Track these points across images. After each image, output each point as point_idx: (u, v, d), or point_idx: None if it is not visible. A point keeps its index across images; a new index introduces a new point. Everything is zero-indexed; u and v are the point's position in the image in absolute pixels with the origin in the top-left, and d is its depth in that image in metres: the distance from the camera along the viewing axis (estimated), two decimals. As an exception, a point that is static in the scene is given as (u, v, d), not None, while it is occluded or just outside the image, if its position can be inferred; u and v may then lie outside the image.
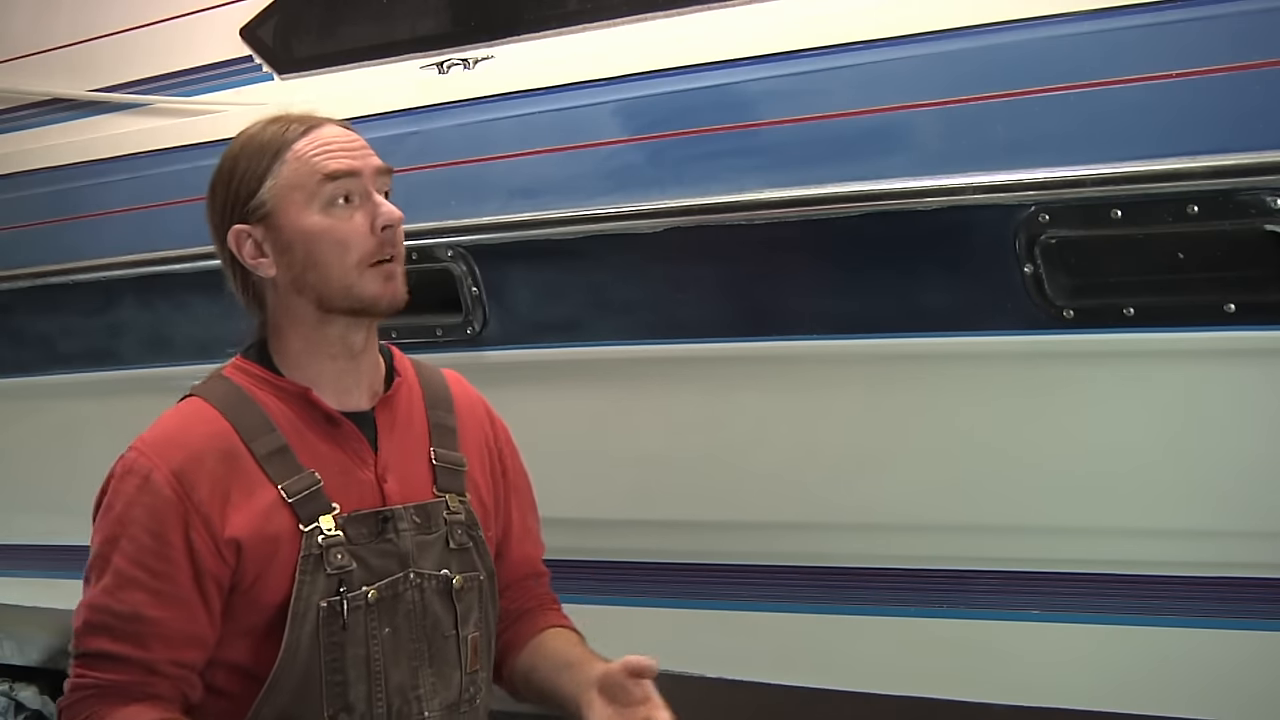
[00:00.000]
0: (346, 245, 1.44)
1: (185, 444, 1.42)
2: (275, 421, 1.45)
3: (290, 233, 1.44)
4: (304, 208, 1.43)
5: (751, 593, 2.31)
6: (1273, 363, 1.70)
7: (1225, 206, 1.58)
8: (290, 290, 1.46)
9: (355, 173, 1.44)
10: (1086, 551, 1.99)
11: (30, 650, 3.65)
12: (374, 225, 1.44)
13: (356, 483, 1.47)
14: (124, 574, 1.38)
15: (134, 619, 1.37)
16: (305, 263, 1.44)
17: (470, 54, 2.14)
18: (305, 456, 1.44)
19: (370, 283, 1.45)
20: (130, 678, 1.36)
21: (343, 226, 1.44)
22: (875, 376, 1.97)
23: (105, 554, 1.39)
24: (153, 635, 1.37)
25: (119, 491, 1.41)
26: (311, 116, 1.48)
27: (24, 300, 2.71)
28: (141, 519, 1.39)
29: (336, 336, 1.48)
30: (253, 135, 1.47)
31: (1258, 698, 1.96)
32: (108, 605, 1.38)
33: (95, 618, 1.38)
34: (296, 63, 2.35)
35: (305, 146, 1.44)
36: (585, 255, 1.99)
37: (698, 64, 1.89)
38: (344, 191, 1.44)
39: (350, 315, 1.47)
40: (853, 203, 1.78)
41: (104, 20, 2.59)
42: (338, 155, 1.44)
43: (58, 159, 2.60)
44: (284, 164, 1.43)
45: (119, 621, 1.37)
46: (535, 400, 2.16)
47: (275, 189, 1.44)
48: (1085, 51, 1.63)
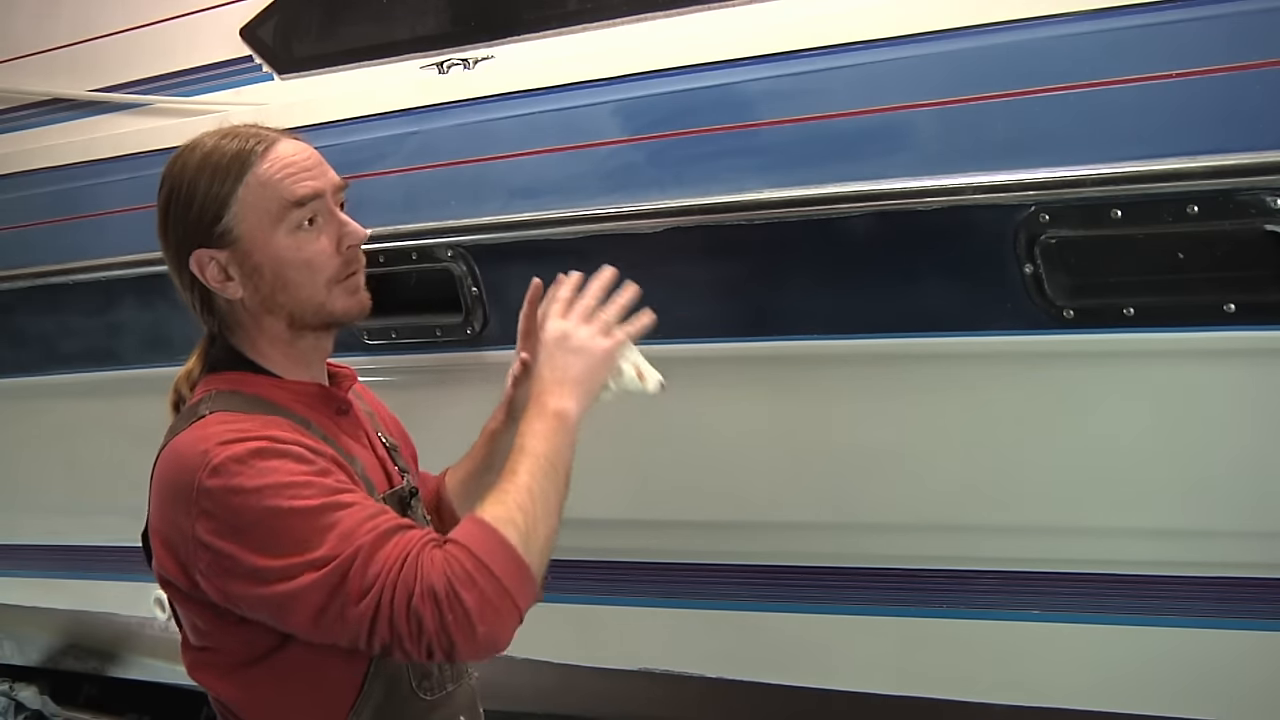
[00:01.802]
0: (314, 267, 1.45)
1: (262, 425, 1.37)
2: (306, 417, 1.47)
3: (258, 257, 1.44)
4: (271, 232, 1.43)
5: (751, 593, 2.31)
6: (1273, 363, 1.70)
7: (1225, 206, 1.58)
8: (260, 310, 1.48)
9: (319, 194, 1.45)
10: (1086, 551, 1.99)
11: (30, 650, 3.65)
12: (339, 244, 1.46)
13: (373, 466, 1.54)
14: (331, 501, 1.30)
15: (377, 510, 1.32)
16: (274, 285, 1.45)
17: (470, 54, 2.14)
18: (341, 446, 1.48)
19: (339, 299, 1.48)
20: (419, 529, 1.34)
21: (310, 248, 1.45)
22: (875, 376, 1.97)
23: (307, 507, 1.29)
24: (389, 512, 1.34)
25: (239, 479, 1.30)
26: (263, 132, 1.47)
27: (24, 300, 2.71)
28: (289, 465, 1.31)
29: (310, 346, 1.52)
30: (207, 155, 1.44)
31: (1257, 697, 1.96)
32: (354, 520, 1.29)
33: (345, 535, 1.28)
34: (296, 63, 2.35)
35: (268, 169, 1.43)
36: (585, 255, 1.99)
37: (698, 64, 1.89)
38: (311, 214, 1.45)
39: (324, 329, 1.51)
40: (853, 203, 1.78)
41: (104, 20, 2.58)
42: (302, 178, 1.44)
43: (58, 159, 2.59)
44: (247, 188, 1.42)
45: (370, 518, 1.30)
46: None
47: (240, 214, 1.43)
48: (1085, 51, 1.63)
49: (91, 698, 3.61)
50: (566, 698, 2.64)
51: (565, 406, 1.44)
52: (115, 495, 2.08)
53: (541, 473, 1.37)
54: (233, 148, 1.44)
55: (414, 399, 1.96)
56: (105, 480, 2.58)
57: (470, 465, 1.78)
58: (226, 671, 1.44)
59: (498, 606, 1.27)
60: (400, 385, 2.22)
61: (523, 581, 1.30)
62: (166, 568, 1.40)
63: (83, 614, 3.34)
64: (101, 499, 2.73)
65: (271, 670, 1.40)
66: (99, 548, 3.07)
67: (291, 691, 1.41)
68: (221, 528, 1.30)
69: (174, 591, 1.43)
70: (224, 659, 1.44)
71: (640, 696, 2.52)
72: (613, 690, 2.54)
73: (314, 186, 1.44)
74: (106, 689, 3.57)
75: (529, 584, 1.31)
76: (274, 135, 1.47)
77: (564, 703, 2.66)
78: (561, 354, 1.48)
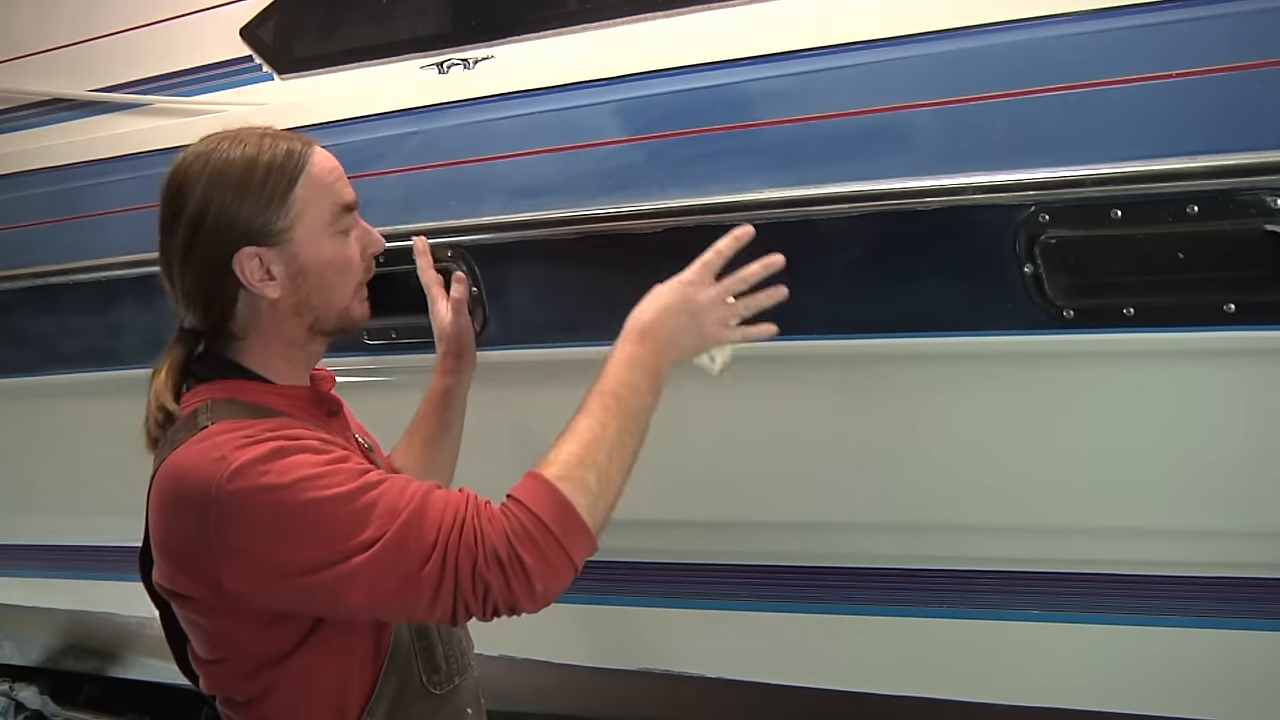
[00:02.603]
0: (351, 271, 1.50)
1: (271, 428, 1.36)
2: (299, 421, 1.47)
3: (306, 259, 1.45)
4: (321, 235, 1.46)
5: (751, 593, 2.31)
6: (1273, 363, 1.70)
7: (1225, 206, 1.58)
8: (289, 312, 1.48)
9: (357, 202, 1.51)
10: (1086, 551, 1.99)
11: (30, 650, 3.66)
12: (364, 251, 1.52)
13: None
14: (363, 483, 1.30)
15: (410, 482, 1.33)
16: (315, 288, 1.47)
17: (470, 54, 2.14)
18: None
19: (359, 305, 1.54)
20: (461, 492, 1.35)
21: (348, 254, 1.50)
22: (875, 376, 1.97)
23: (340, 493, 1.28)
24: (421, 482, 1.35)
25: (265, 479, 1.28)
26: (301, 136, 1.49)
27: (24, 300, 2.71)
28: (307, 459, 1.31)
29: (315, 352, 1.55)
30: (257, 153, 1.43)
31: (1257, 698, 1.96)
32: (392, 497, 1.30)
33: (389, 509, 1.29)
34: (296, 63, 2.35)
35: (319, 174, 1.46)
36: (585, 255, 1.99)
37: (698, 64, 1.89)
38: (353, 220, 1.50)
39: (333, 335, 1.54)
40: (853, 203, 1.78)
41: (104, 20, 2.58)
42: (346, 184, 1.49)
43: (58, 159, 2.59)
44: (304, 187, 1.44)
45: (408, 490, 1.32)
46: (535, 400, 2.16)
47: (298, 213, 1.44)
48: (1085, 51, 1.63)
49: (91, 698, 3.62)
50: (566, 698, 2.64)
51: (662, 366, 1.46)
52: (115, 495, 2.08)
53: (627, 430, 1.39)
54: (283, 148, 1.45)
55: (414, 399, 1.96)
56: (105, 480, 2.58)
57: (424, 434, 1.79)
58: (245, 678, 1.43)
59: (556, 565, 1.30)
60: (400, 385, 2.22)
61: (582, 541, 1.32)
62: (178, 584, 1.37)
63: (83, 614, 3.34)
64: (101, 499, 2.72)
65: (288, 672, 1.40)
66: (99, 548, 3.07)
67: (308, 693, 1.41)
68: (255, 528, 1.29)
69: (187, 604, 1.39)
70: (241, 666, 1.42)
71: (640, 696, 2.52)
72: (613, 690, 2.54)
73: (353, 194, 1.50)
74: (106, 689, 3.57)
75: (588, 543, 1.33)
76: (309, 139, 1.50)
77: (564, 703, 2.66)
78: (684, 320, 1.49)
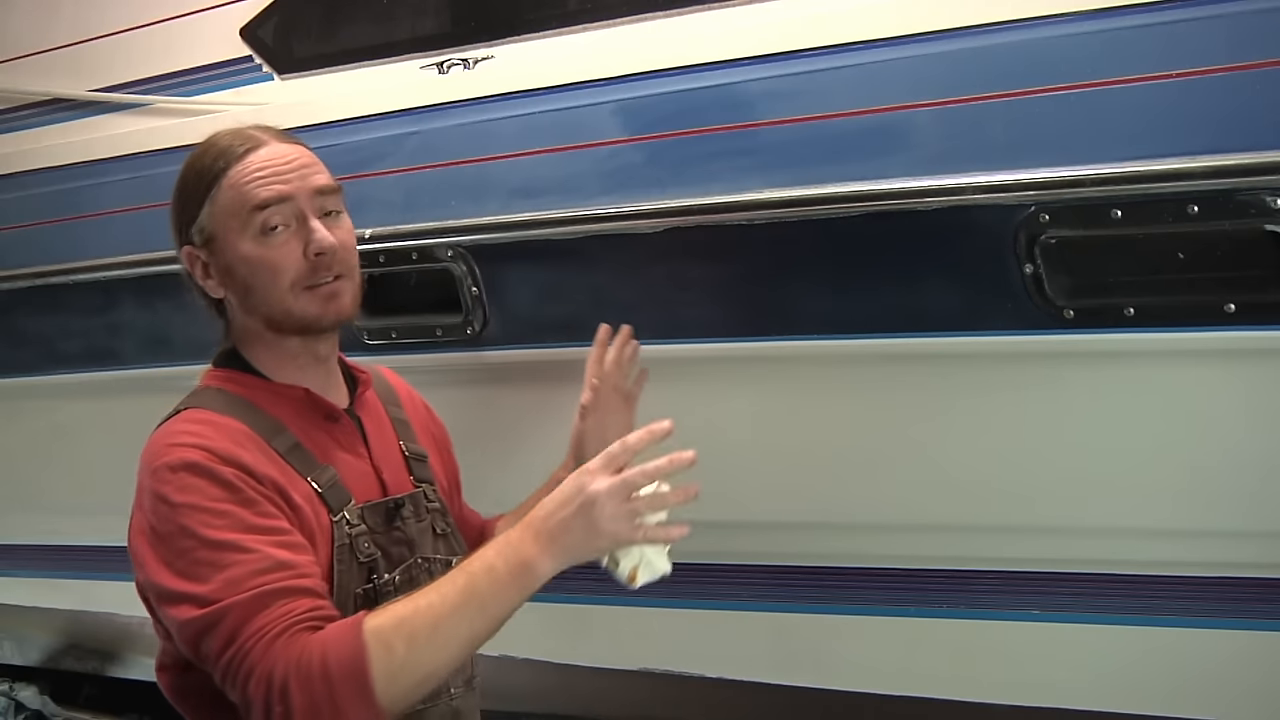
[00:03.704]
0: (278, 271, 1.45)
1: (217, 437, 1.38)
2: (282, 421, 1.46)
3: (228, 259, 1.46)
4: (239, 235, 1.45)
5: (751, 593, 2.31)
6: (1273, 363, 1.70)
7: (1225, 206, 1.58)
8: (240, 310, 1.50)
9: (285, 198, 1.45)
10: (1086, 551, 1.99)
11: (30, 650, 3.65)
12: (306, 250, 1.45)
13: (361, 475, 1.52)
14: (233, 540, 1.29)
15: (274, 564, 1.29)
16: (245, 288, 1.47)
17: (470, 54, 2.14)
18: (316, 453, 1.46)
19: (308, 305, 1.47)
20: (310, 603, 1.29)
21: (274, 254, 1.45)
22: (875, 376, 1.97)
23: (207, 538, 1.29)
24: (296, 569, 1.31)
25: (177, 489, 1.33)
26: (255, 135, 1.48)
27: (24, 300, 2.71)
28: (213, 489, 1.32)
29: (298, 349, 1.52)
30: (199, 155, 1.48)
31: (1257, 697, 1.96)
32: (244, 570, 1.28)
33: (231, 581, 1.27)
34: (296, 63, 2.35)
35: (239, 173, 1.45)
36: (585, 255, 1.99)
37: (698, 64, 1.89)
38: (276, 219, 1.45)
39: (298, 333, 1.50)
40: (853, 203, 1.77)
41: (104, 20, 2.58)
42: (269, 182, 1.44)
43: (58, 159, 2.60)
44: (220, 190, 1.45)
45: (261, 574, 1.28)
46: (535, 400, 2.17)
47: (212, 217, 1.46)
48: (1085, 51, 1.63)
49: (91, 698, 3.61)
50: (566, 698, 2.64)
51: (538, 561, 1.30)
52: (115, 495, 2.07)
53: (464, 612, 1.26)
54: (217, 149, 1.47)
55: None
56: (105, 480, 2.58)
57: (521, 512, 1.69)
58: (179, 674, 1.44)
59: (322, 715, 1.22)
60: (400, 385, 2.22)
61: (360, 706, 1.23)
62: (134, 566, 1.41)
63: (83, 614, 3.34)
64: (101, 499, 2.72)
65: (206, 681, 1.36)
66: (99, 548, 3.07)
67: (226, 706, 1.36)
68: (145, 527, 1.35)
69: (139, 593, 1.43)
70: (174, 664, 1.44)
71: (640, 696, 2.52)
72: (613, 690, 2.54)
73: (280, 191, 1.44)
74: (106, 689, 3.57)
75: (368, 710, 1.23)
76: (263, 139, 1.48)
77: (564, 703, 2.66)
78: (573, 511, 1.32)
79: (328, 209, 1.49)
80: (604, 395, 1.80)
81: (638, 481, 1.33)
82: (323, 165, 1.51)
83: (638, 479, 1.33)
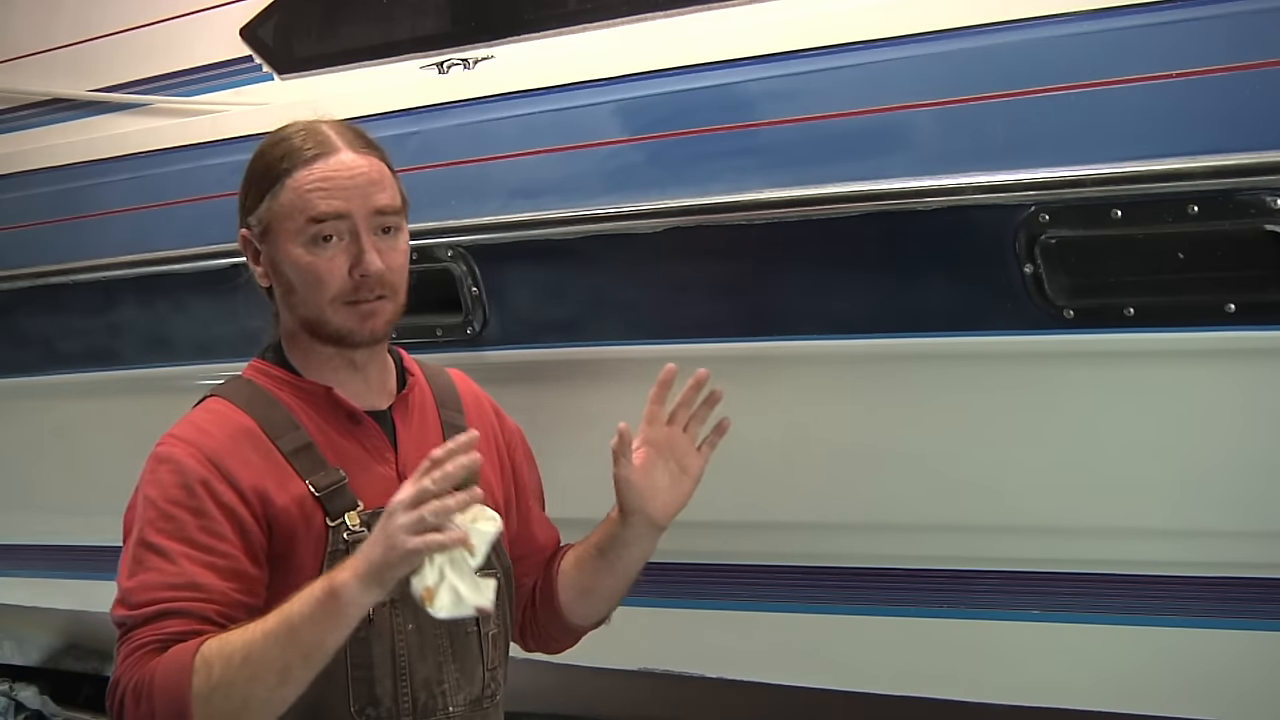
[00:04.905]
0: (322, 283, 1.46)
1: (214, 435, 1.43)
2: (299, 420, 1.47)
3: (278, 256, 1.48)
4: (292, 238, 1.46)
5: (751, 593, 2.31)
6: (1273, 363, 1.70)
7: (1225, 206, 1.58)
8: (284, 304, 1.52)
9: (343, 215, 1.45)
10: (1086, 551, 1.99)
11: (30, 650, 3.66)
12: (353, 269, 1.46)
13: (379, 479, 1.49)
14: (164, 546, 1.35)
15: (185, 582, 1.34)
16: (289, 287, 1.48)
17: (470, 54, 2.14)
18: (329, 454, 1.47)
19: (344, 320, 1.47)
20: (187, 627, 1.33)
21: (321, 265, 1.45)
22: (875, 376, 1.97)
23: (144, 536, 1.36)
24: (205, 593, 1.34)
25: (150, 480, 1.41)
26: (327, 139, 1.48)
27: (24, 300, 2.71)
28: (174, 490, 1.38)
29: (333, 353, 1.52)
30: (269, 147, 1.49)
31: (1257, 697, 1.96)
32: (158, 579, 1.34)
33: (144, 586, 1.34)
34: (296, 63, 2.35)
35: (303, 178, 1.45)
36: (585, 255, 1.99)
37: (698, 64, 1.89)
38: (329, 231, 1.45)
39: (329, 343, 1.50)
40: (853, 203, 1.78)
41: (104, 20, 2.59)
42: (330, 195, 1.44)
43: (58, 159, 2.60)
44: (283, 189, 1.46)
45: (169, 588, 1.33)
46: (535, 400, 2.16)
47: (271, 211, 1.47)
48: (1085, 51, 1.63)
49: (91, 698, 3.61)
50: (566, 698, 2.64)
51: (345, 584, 1.25)
52: (115, 495, 2.07)
53: (275, 637, 1.26)
54: (288, 146, 1.47)
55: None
56: (105, 480, 2.58)
57: (581, 550, 1.66)
58: None
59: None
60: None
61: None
62: None
63: (83, 614, 3.34)
64: (101, 499, 2.72)
65: None
66: (99, 548, 3.07)
67: None
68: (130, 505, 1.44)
69: None
70: None
71: (640, 696, 2.52)
72: (613, 690, 2.54)
73: (338, 207, 1.44)
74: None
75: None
76: (334, 146, 1.47)
77: (564, 703, 2.66)
78: (377, 528, 1.28)
79: (386, 226, 1.49)
80: (657, 450, 1.60)
81: (429, 490, 1.25)
82: (390, 180, 1.50)
83: (425, 484, 1.26)
